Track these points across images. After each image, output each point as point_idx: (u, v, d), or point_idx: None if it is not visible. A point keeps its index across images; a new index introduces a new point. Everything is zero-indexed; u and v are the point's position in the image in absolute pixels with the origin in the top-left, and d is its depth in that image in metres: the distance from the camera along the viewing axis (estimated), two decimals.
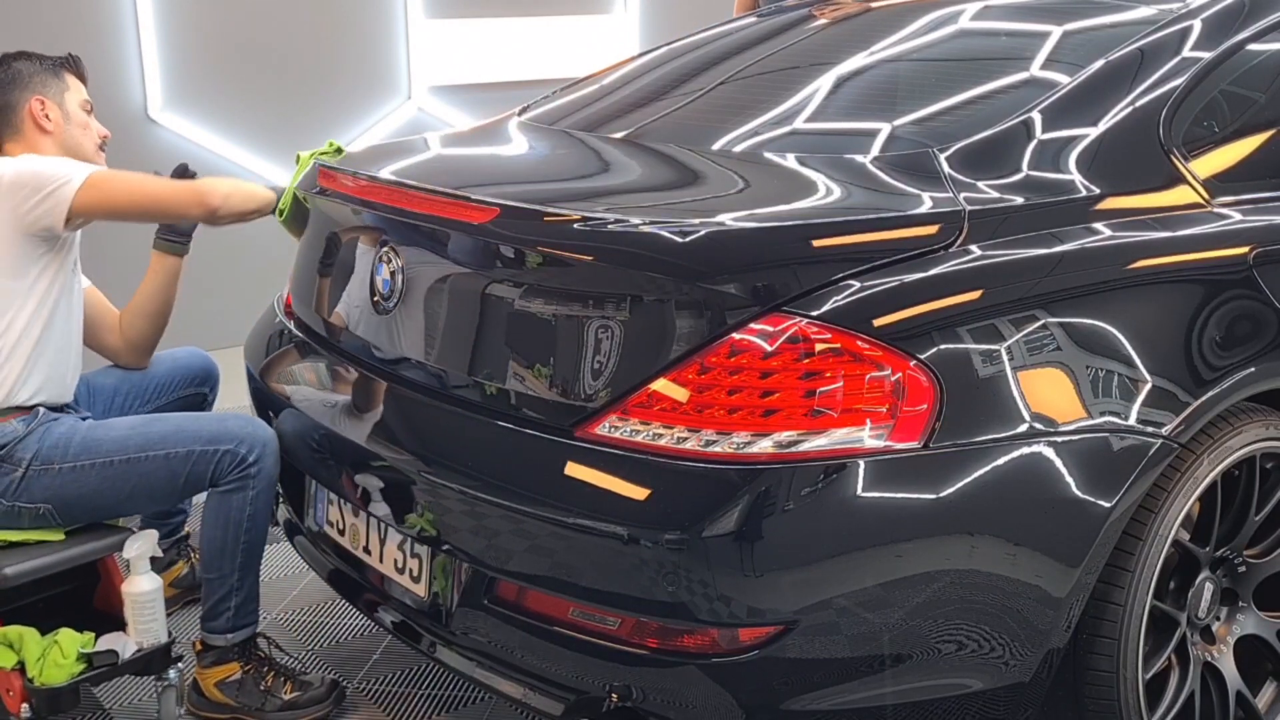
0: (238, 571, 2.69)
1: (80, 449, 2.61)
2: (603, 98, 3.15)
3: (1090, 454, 2.06)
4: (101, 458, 2.61)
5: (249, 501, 2.65)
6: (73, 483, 2.60)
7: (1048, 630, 2.07)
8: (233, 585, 2.70)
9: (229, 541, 2.67)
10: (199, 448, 2.63)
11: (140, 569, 2.62)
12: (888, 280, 2.04)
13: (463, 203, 2.31)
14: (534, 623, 2.15)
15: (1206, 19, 2.54)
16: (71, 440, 2.62)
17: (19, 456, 2.59)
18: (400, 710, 2.81)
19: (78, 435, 2.63)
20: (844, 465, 1.94)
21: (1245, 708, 2.44)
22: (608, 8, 6.47)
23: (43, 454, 2.60)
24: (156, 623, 2.63)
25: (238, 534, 2.67)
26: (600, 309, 2.11)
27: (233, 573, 2.69)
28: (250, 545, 2.70)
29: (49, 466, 2.60)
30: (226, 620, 2.72)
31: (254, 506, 2.67)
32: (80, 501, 2.62)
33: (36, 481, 2.59)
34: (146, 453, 2.62)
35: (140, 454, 2.62)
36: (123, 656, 2.59)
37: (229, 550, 2.68)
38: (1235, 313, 2.29)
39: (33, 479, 2.59)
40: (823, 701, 2.02)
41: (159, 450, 2.62)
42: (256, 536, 2.70)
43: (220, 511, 2.67)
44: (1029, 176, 2.28)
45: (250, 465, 2.64)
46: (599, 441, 2.07)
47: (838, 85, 2.78)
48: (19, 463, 2.59)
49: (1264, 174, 2.53)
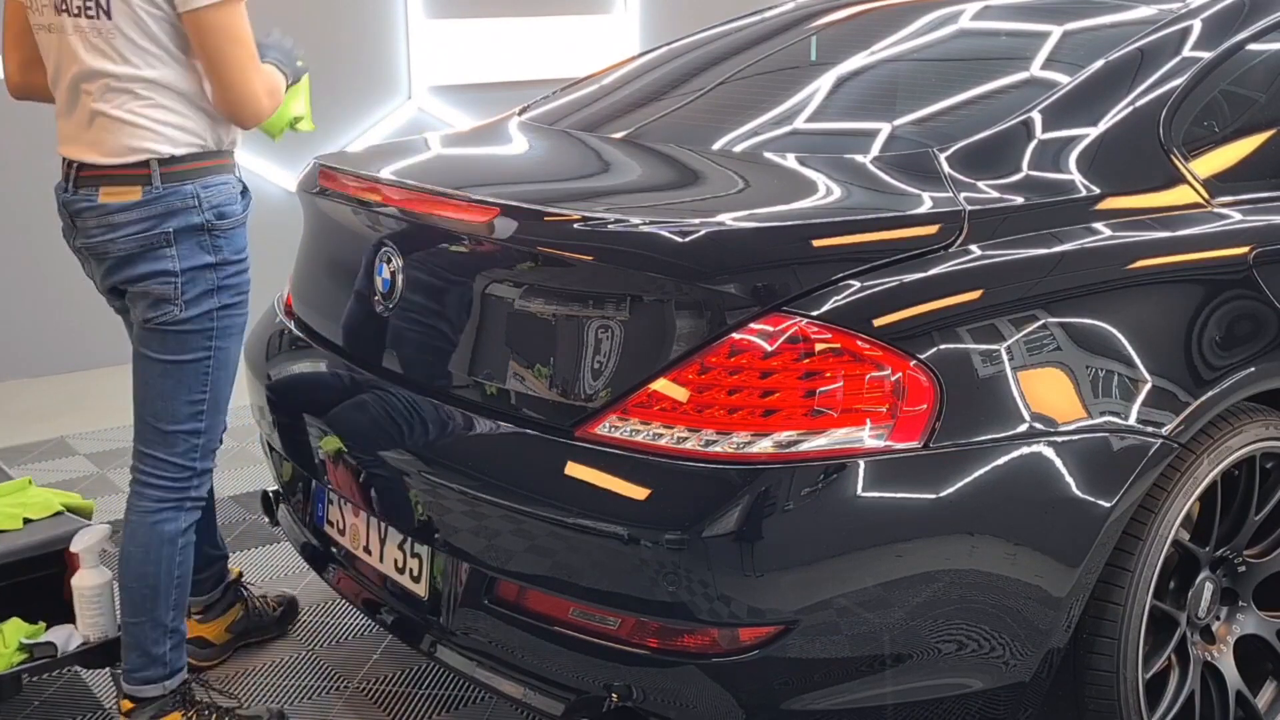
0: (172, 610, 2.51)
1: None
2: (603, 98, 3.15)
3: (1090, 454, 2.06)
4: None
5: (181, 532, 2.51)
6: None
7: (1048, 630, 2.07)
8: (166, 628, 2.51)
9: (162, 579, 2.48)
10: (201, 414, 2.50)
11: (89, 562, 2.63)
12: (888, 280, 2.04)
13: (463, 203, 2.31)
14: (534, 623, 2.15)
15: (1206, 19, 2.54)
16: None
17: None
18: (400, 710, 2.81)
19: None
20: (844, 465, 1.94)
21: (1245, 708, 2.44)
22: (608, 8, 6.47)
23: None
24: (104, 616, 2.64)
25: (170, 570, 2.49)
26: (600, 309, 2.11)
27: (167, 612, 2.50)
28: (183, 579, 2.53)
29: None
30: (160, 669, 2.52)
31: (186, 538, 2.52)
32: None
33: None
34: (208, 370, 2.48)
35: (209, 364, 2.48)
36: (64, 649, 2.60)
37: (163, 590, 2.49)
38: (1235, 313, 2.29)
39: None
40: (823, 701, 2.02)
41: (214, 378, 2.50)
42: (187, 569, 2.53)
43: (152, 545, 2.48)
44: (1029, 176, 2.28)
45: (202, 480, 2.53)
46: (599, 441, 2.07)
47: (838, 85, 2.78)
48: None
49: (1264, 174, 2.53)
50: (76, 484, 4.13)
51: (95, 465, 4.31)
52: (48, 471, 4.24)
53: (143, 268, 2.42)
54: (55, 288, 5.26)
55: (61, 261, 4.50)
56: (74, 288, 5.39)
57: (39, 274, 5.23)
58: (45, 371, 5.31)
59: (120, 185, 2.39)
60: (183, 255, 2.41)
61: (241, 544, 3.62)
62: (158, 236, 2.40)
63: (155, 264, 2.41)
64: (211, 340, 2.47)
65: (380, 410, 2.43)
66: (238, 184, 2.53)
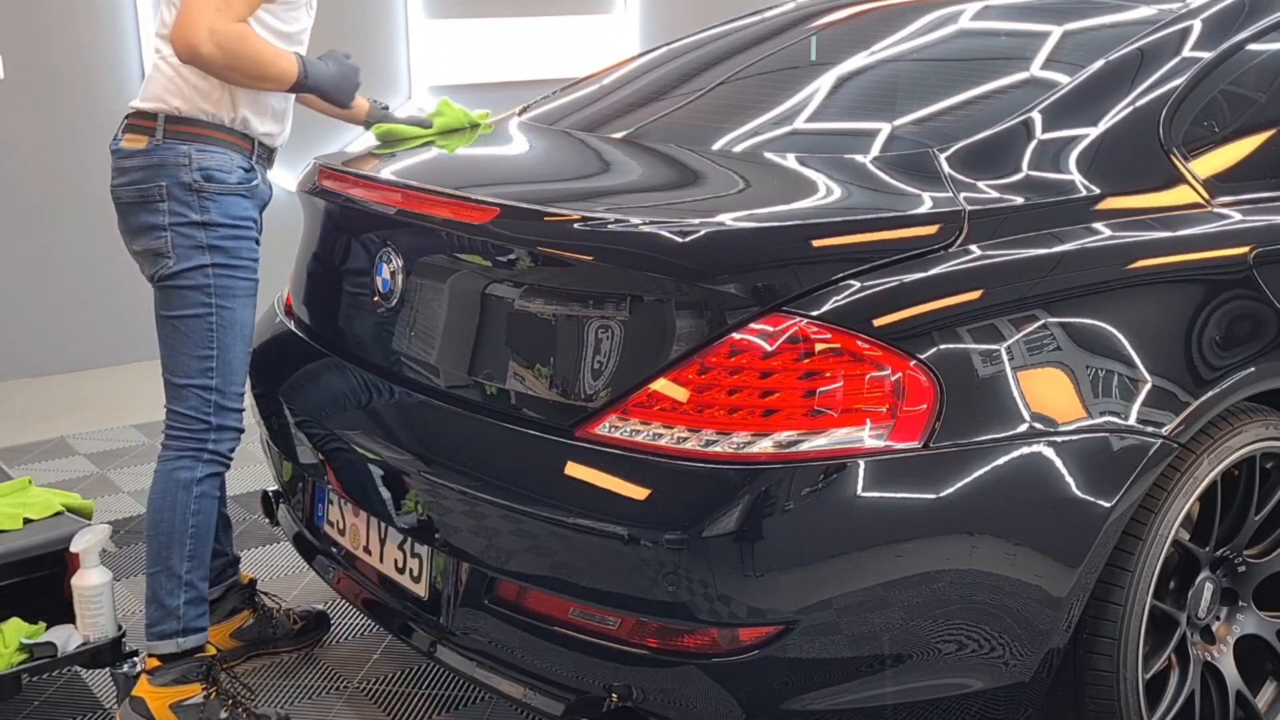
0: (187, 561, 2.60)
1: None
2: (603, 98, 3.15)
3: (1090, 454, 2.06)
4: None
5: (198, 480, 2.60)
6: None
7: (1048, 630, 2.07)
8: (181, 579, 2.59)
9: (176, 525, 2.58)
10: (211, 371, 2.59)
11: (89, 562, 2.63)
12: (888, 280, 2.04)
13: (463, 203, 2.31)
14: (534, 623, 2.15)
15: (1206, 19, 2.54)
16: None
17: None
18: (400, 710, 2.81)
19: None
20: (844, 465, 1.94)
21: (1245, 708, 2.44)
22: (608, 8, 6.47)
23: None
24: (104, 616, 2.64)
25: (185, 517, 2.59)
26: (600, 309, 2.11)
27: (182, 562, 2.59)
28: (200, 531, 2.61)
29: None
30: (174, 623, 2.59)
31: (203, 488, 2.61)
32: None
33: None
34: (215, 327, 2.60)
35: (216, 320, 2.60)
36: (64, 649, 2.61)
37: (177, 537, 2.59)
38: (1235, 313, 2.29)
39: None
40: (823, 701, 2.02)
41: (219, 330, 2.60)
42: (205, 521, 2.62)
43: (168, 490, 2.59)
44: (1029, 176, 2.28)
45: (220, 436, 2.61)
46: (599, 441, 2.07)
47: (838, 85, 2.78)
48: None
49: (1264, 174, 2.53)
50: (76, 484, 4.13)
51: (95, 465, 4.31)
52: (48, 471, 4.24)
53: (142, 218, 2.59)
54: (55, 288, 5.27)
55: (62, 261, 4.51)
56: (75, 287, 5.41)
57: (39, 274, 5.24)
58: (45, 371, 5.31)
59: (136, 132, 2.60)
60: (172, 210, 2.57)
61: (241, 544, 3.62)
62: (152, 189, 2.57)
63: (150, 217, 2.58)
64: (211, 298, 2.59)
65: (380, 410, 2.43)
66: (241, 160, 2.62)
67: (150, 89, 2.61)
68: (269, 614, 3.02)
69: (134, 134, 2.59)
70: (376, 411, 2.44)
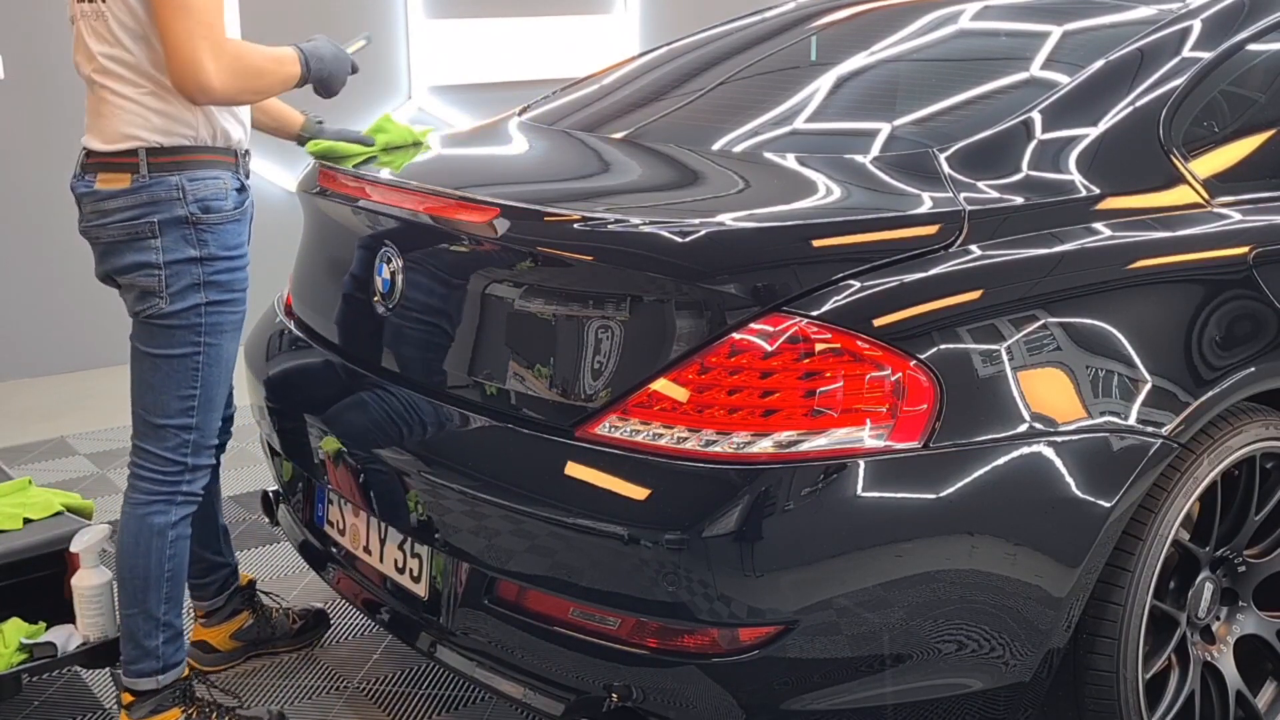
0: (164, 604, 2.52)
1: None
2: (603, 98, 3.15)
3: (1090, 454, 2.06)
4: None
5: (172, 525, 2.51)
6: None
7: (1048, 630, 2.07)
8: (158, 621, 2.52)
9: (152, 571, 2.49)
10: (193, 410, 2.48)
11: (89, 562, 2.63)
12: (888, 280, 2.04)
13: (463, 203, 2.31)
14: (534, 623, 2.15)
15: (1206, 19, 2.54)
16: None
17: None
18: (400, 710, 2.81)
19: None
20: (844, 465, 1.94)
21: (1245, 708, 2.44)
22: (608, 8, 6.47)
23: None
24: (104, 617, 2.64)
25: (161, 562, 2.49)
26: (600, 309, 2.11)
27: (159, 605, 2.51)
28: (175, 574, 2.53)
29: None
30: (153, 662, 2.52)
31: (177, 531, 2.51)
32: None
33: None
34: (200, 366, 2.48)
35: (199, 359, 2.48)
36: (64, 649, 2.60)
37: (154, 582, 2.50)
38: (1235, 313, 2.29)
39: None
40: (823, 701, 2.02)
41: (203, 371, 2.48)
42: (179, 563, 2.53)
43: (142, 536, 2.49)
44: (1029, 176, 2.28)
45: (195, 476, 2.52)
46: (599, 441, 2.07)
47: (838, 85, 2.78)
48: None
49: (1264, 174, 2.53)
50: (76, 484, 4.13)
51: (95, 465, 4.31)
52: (48, 471, 4.24)
53: (130, 257, 2.44)
54: (55, 288, 5.27)
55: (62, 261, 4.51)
56: (75, 287, 5.41)
57: (39, 274, 5.23)
58: (45, 371, 5.31)
59: (113, 172, 2.43)
60: (167, 248, 2.43)
61: (242, 544, 3.62)
62: (143, 226, 2.42)
63: (140, 255, 2.44)
64: (200, 336, 2.47)
65: (380, 410, 2.43)
66: (233, 180, 2.50)
67: (112, 128, 2.42)
68: (268, 614, 3.02)
69: (110, 173, 2.43)
70: (376, 411, 2.44)
